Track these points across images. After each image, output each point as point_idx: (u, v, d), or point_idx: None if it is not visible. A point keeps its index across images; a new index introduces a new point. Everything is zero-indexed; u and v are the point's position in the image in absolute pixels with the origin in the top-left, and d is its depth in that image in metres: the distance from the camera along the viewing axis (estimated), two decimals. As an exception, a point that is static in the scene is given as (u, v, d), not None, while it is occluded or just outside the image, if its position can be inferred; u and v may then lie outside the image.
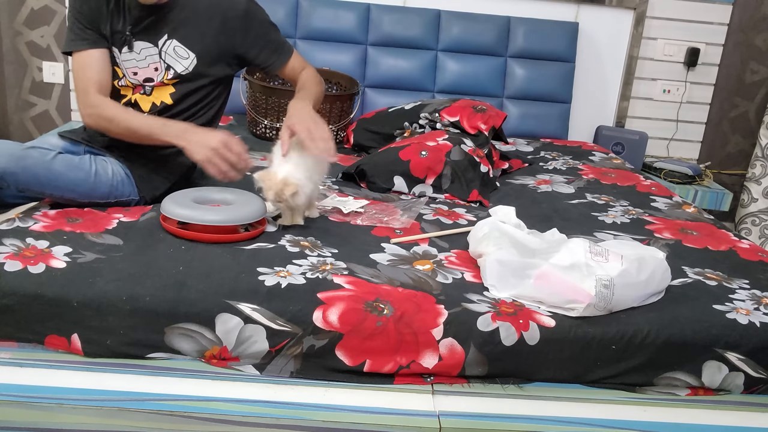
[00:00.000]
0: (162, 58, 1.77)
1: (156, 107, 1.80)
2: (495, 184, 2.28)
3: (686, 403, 1.43)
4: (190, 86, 1.81)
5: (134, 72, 1.77)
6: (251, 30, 1.84)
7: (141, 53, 1.75)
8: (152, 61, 1.76)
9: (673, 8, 3.14)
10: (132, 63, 1.76)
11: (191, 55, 1.78)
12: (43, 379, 1.28)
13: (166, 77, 1.78)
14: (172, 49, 1.76)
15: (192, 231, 1.55)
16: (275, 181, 1.61)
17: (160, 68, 1.77)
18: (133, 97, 1.79)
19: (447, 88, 2.98)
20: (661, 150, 3.34)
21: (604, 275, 1.41)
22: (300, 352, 1.34)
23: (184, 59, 1.78)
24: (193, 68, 1.79)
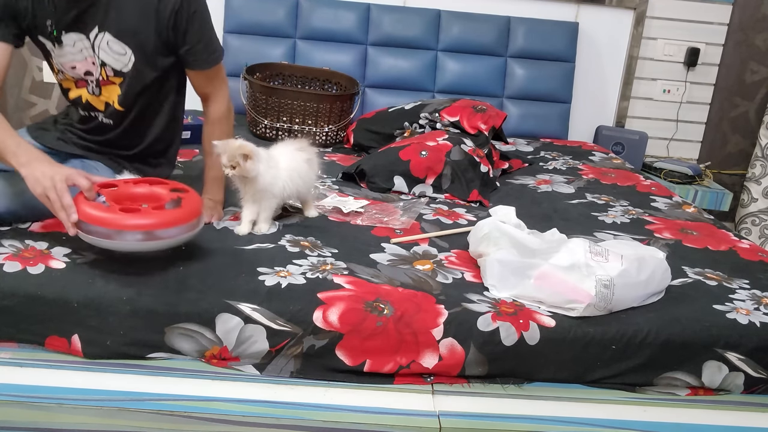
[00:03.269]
0: (95, 53, 1.63)
1: (109, 107, 1.70)
2: (495, 184, 2.28)
3: (686, 403, 1.43)
4: (136, 87, 1.68)
5: (72, 66, 1.65)
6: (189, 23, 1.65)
7: (75, 45, 1.62)
8: (87, 54, 1.64)
9: (673, 8, 3.13)
10: (69, 57, 1.64)
11: (127, 50, 1.63)
12: (43, 379, 1.28)
13: (106, 73, 1.65)
14: (105, 44, 1.62)
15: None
16: (231, 145, 1.58)
17: (96, 63, 1.64)
18: (84, 97, 1.69)
19: (447, 88, 2.98)
20: (661, 150, 3.34)
21: (604, 275, 1.41)
22: (300, 352, 1.34)
23: (120, 55, 1.63)
24: (133, 65, 1.65)
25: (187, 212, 1.42)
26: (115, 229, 1.34)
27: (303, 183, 1.73)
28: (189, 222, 1.42)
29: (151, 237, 1.36)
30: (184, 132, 2.40)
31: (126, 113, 1.71)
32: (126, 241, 1.35)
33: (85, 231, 1.36)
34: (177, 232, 1.39)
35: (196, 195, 1.48)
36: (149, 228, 1.36)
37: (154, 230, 1.36)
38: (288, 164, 1.68)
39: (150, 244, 1.37)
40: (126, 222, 1.34)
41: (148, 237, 1.36)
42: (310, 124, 2.55)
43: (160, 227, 1.37)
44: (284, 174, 1.66)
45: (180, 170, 2.10)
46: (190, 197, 1.46)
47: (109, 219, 1.34)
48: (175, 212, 1.41)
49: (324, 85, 2.81)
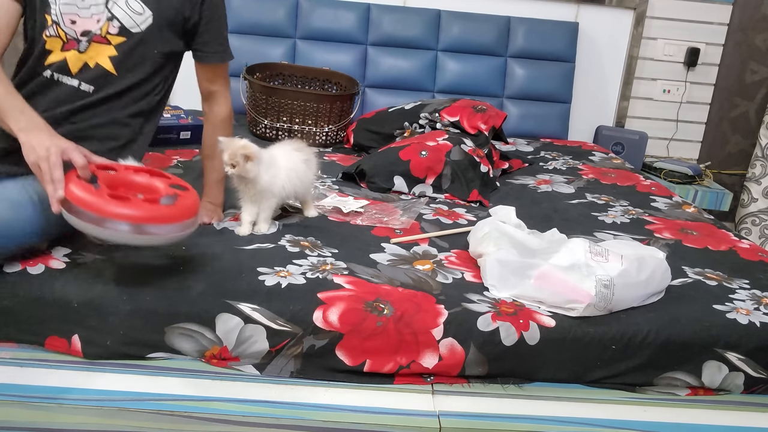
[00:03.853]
0: (108, 7, 1.50)
1: (89, 71, 1.51)
2: (495, 184, 2.28)
3: (686, 403, 1.43)
4: (138, 53, 1.55)
5: (72, 20, 1.48)
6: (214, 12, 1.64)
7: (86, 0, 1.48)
8: (96, 12, 1.49)
9: (673, 8, 3.13)
10: (72, 8, 1.48)
11: (146, 11, 1.52)
12: (43, 379, 1.28)
13: (108, 29, 1.50)
14: (123, 0, 1.51)
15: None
16: (234, 145, 1.56)
17: (102, 19, 1.50)
18: (62, 56, 1.50)
19: (447, 88, 2.98)
20: (661, 150, 3.34)
21: (604, 275, 1.41)
22: (300, 352, 1.34)
23: (136, 14, 1.51)
24: (147, 28, 1.53)
25: (181, 211, 1.34)
26: (99, 215, 1.25)
27: (301, 183, 1.73)
28: (181, 221, 1.33)
29: (139, 231, 1.27)
30: (183, 132, 2.41)
31: (115, 79, 1.54)
32: (110, 230, 1.25)
33: (70, 211, 1.27)
34: (167, 230, 1.31)
35: (194, 194, 1.41)
36: (136, 221, 1.26)
37: (141, 224, 1.27)
38: (286, 164, 1.68)
39: (136, 238, 1.28)
40: (112, 210, 1.25)
41: (135, 230, 1.26)
42: (310, 124, 2.55)
43: (149, 222, 1.28)
44: (283, 174, 1.66)
45: (180, 170, 2.10)
46: (187, 195, 1.38)
47: (94, 203, 1.25)
48: (168, 209, 1.32)
49: (324, 85, 2.81)
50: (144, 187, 1.38)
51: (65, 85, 1.52)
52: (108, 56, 1.52)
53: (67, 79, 1.52)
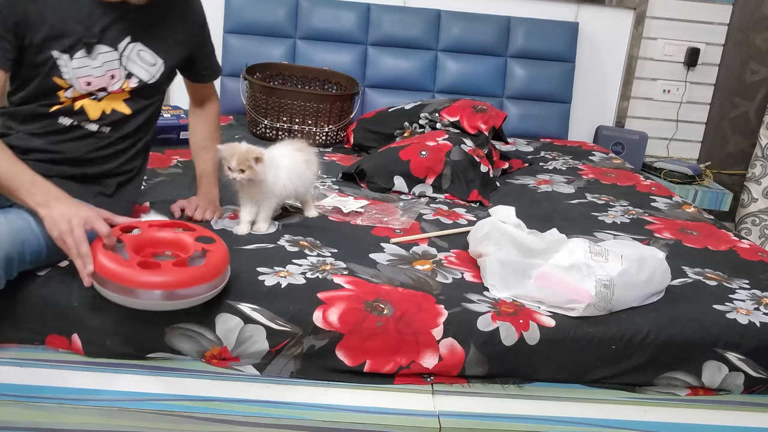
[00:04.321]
0: (123, 64, 1.51)
1: (106, 116, 1.53)
2: (495, 184, 2.28)
3: (686, 403, 1.43)
4: (148, 95, 1.60)
5: (87, 82, 1.48)
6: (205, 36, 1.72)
7: (97, 59, 1.47)
8: (110, 68, 1.50)
9: (673, 8, 3.13)
10: (86, 71, 1.47)
11: (159, 61, 1.57)
12: (43, 379, 1.28)
13: (127, 85, 1.53)
14: (135, 54, 1.53)
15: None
16: (239, 149, 1.57)
17: (118, 76, 1.51)
18: (78, 104, 1.50)
19: (447, 88, 2.98)
20: (661, 150, 3.34)
21: (604, 275, 1.41)
22: (300, 352, 1.34)
23: (150, 66, 1.55)
24: (160, 76, 1.58)
25: (212, 269, 1.29)
26: (131, 286, 1.23)
27: (301, 183, 1.73)
28: (213, 279, 1.29)
29: (171, 296, 1.25)
30: (183, 132, 2.41)
31: (130, 117, 1.58)
32: (143, 299, 1.24)
33: (101, 284, 1.26)
34: (200, 290, 1.27)
35: (223, 247, 1.36)
36: (169, 288, 1.24)
37: (174, 290, 1.25)
38: (287, 164, 1.68)
39: (169, 304, 1.26)
40: (143, 279, 1.23)
41: (167, 296, 1.25)
42: (310, 124, 2.54)
43: (182, 287, 1.25)
44: (284, 174, 1.66)
45: (179, 170, 2.10)
46: (216, 249, 1.34)
47: (125, 275, 1.23)
48: (199, 270, 1.28)
49: (324, 85, 2.81)
50: (171, 244, 1.37)
51: (86, 130, 1.52)
52: (122, 100, 1.56)
53: (87, 125, 1.52)
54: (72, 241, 1.26)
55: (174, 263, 1.28)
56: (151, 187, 1.90)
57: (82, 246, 1.26)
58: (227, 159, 1.57)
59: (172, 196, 1.82)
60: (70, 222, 1.27)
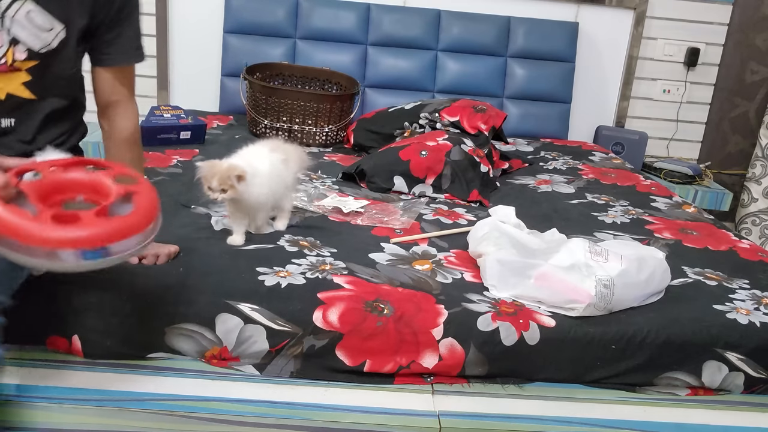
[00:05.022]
0: (5, 26, 1.21)
1: (2, 104, 1.25)
2: (495, 184, 2.28)
3: (686, 403, 1.43)
4: (56, 71, 1.28)
5: None
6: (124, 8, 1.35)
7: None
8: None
9: (673, 8, 3.13)
10: None
11: (57, 25, 1.24)
12: (44, 379, 1.28)
13: (13, 57, 1.22)
14: (24, 15, 1.21)
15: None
16: (219, 168, 1.45)
17: (2, 45, 1.21)
18: None
19: (447, 88, 2.98)
20: (661, 150, 3.34)
21: (604, 275, 1.41)
22: (300, 352, 1.34)
23: (44, 31, 1.23)
24: (59, 44, 1.26)
25: (145, 214, 1.06)
26: (46, 247, 0.97)
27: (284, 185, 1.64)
28: (145, 228, 1.06)
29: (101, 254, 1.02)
30: (183, 132, 2.41)
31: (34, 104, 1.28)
32: (62, 261, 0.99)
33: (3, 245, 0.98)
34: (131, 244, 1.03)
35: (148, 185, 1.13)
36: (93, 243, 0.99)
37: (101, 246, 1.00)
38: (268, 170, 1.58)
39: (94, 263, 1.02)
40: (63, 236, 0.98)
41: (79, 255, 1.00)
42: (310, 124, 2.55)
43: (110, 241, 1.01)
44: (266, 181, 1.57)
45: (179, 170, 2.10)
46: (142, 190, 1.09)
47: (36, 232, 0.97)
48: (130, 218, 1.04)
49: (324, 85, 2.81)
50: (84, 187, 1.09)
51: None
52: (21, 83, 1.26)
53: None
54: None
55: (96, 212, 1.02)
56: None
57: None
58: (207, 178, 1.46)
59: (174, 198, 1.82)
60: None
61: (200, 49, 2.94)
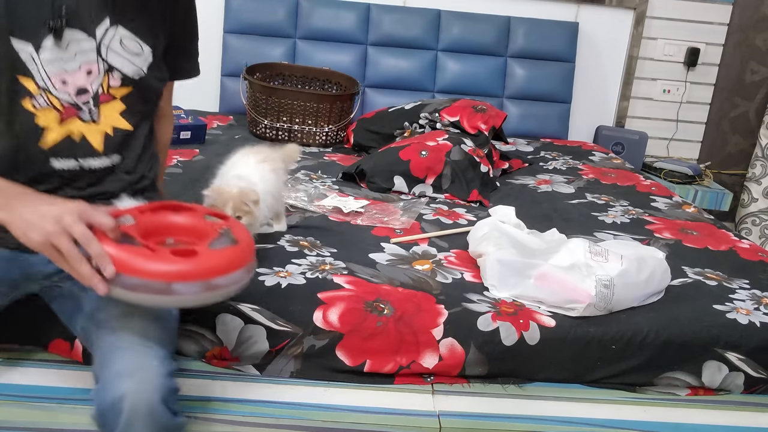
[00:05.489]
0: (101, 56, 1.17)
1: (111, 140, 1.21)
2: (495, 184, 2.28)
3: (686, 403, 1.43)
4: (144, 97, 1.26)
5: (63, 80, 1.14)
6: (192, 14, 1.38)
7: (68, 48, 1.13)
8: (84, 61, 1.16)
9: (673, 8, 3.13)
10: (58, 65, 1.13)
11: (145, 49, 1.22)
12: (43, 379, 1.28)
13: (108, 84, 1.19)
14: (117, 42, 1.18)
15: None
16: (231, 194, 1.38)
17: (96, 71, 1.17)
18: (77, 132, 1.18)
19: (447, 88, 2.98)
20: (661, 150, 3.34)
21: (604, 275, 1.41)
22: (300, 353, 1.34)
23: (135, 56, 1.21)
24: (147, 69, 1.24)
25: (247, 247, 1.08)
26: (166, 280, 0.98)
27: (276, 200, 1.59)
28: (249, 262, 1.08)
29: (210, 287, 1.01)
30: (183, 132, 2.41)
31: (133, 134, 1.26)
32: (177, 295, 0.99)
33: (123, 285, 0.98)
34: (238, 277, 1.05)
35: (236, 221, 1.16)
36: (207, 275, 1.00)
37: (213, 278, 1.00)
38: (263, 186, 1.50)
39: (205, 297, 1.02)
40: (181, 270, 0.98)
41: (206, 287, 1.01)
42: (310, 124, 2.55)
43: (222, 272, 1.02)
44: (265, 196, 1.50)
45: (179, 170, 2.09)
46: (235, 225, 1.12)
47: (159, 268, 0.98)
48: (236, 250, 1.06)
49: (324, 85, 2.81)
50: (177, 228, 1.10)
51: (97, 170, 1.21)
52: (119, 112, 1.23)
53: (96, 161, 1.21)
54: (68, 242, 0.95)
55: (198, 248, 1.03)
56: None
57: (93, 244, 0.96)
58: (218, 207, 1.35)
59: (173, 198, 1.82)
60: (59, 219, 0.95)
61: (200, 49, 2.93)
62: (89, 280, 0.96)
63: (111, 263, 0.96)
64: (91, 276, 0.96)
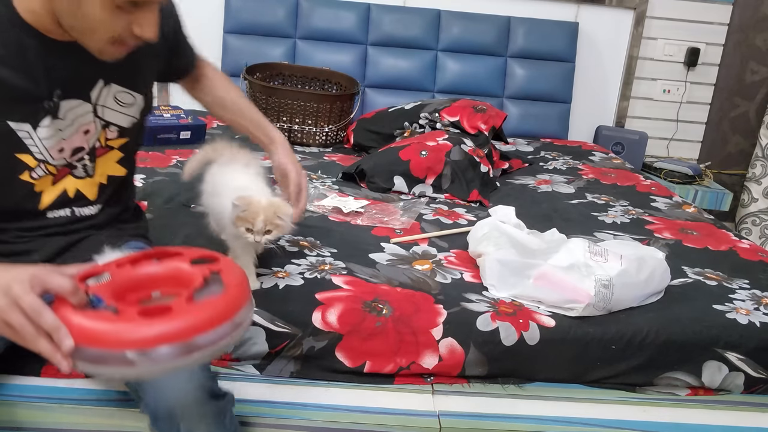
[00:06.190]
0: (98, 115, 1.17)
1: (107, 188, 1.24)
2: (495, 184, 2.28)
3: (686, 403, 1.43)
4: (138, 140, 1.28)
5: (60, 148, 1.14)
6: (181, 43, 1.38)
7: (66, 117, 1.13)
8: (82, 123, 1.16)
9: (673, 8, 3.13)
10: (56, 138, 1.12)
11: (137, 97, 1.23)
12: (44, 379, 1.28)
13: (105, 138, 1.20)
14: (111, 99, 1.18)
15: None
16: (259, 206, 1.25)
17: (93, 129, 1.18)
18: (67, 186, 1.18)
19: (447, 88, 2.98)
20: (661, 150, 3.34)
21: (604, 275, 1.41)
22: (300, 354, 1.34)
23: (128, 107, 1.21)
24: (140, 114, 1.25)
25: (235, 293, 0.90)
26: (139, 348, 0.81)
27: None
28: (241, 308, 0.89)
29: (189, 349, 0.83)
30: (183, 132, 2.41)
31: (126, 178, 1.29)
32: (154, 362, 0.82)
33: (87, 359, 0.83)
34: (225, 330, 0.87)
35: (229, 261, 0.98)
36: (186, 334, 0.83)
37: (194, 336, 0.83)
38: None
39: (186, 360, 0.84)
40: (160, 331, 0.82)
41: (184, 350, 0.83)
42: (310, 124, 2.55)
43: (207, 327, 0.85)
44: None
45: (179, 169, 2.09)
46: (227, 267, 0.95)
47: (127, 333, 0.82)
48: (220, 300, 0.88)
49: (324, 85, 2.81)
50: (161, 279, 0.96)
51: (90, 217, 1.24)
52: (115, 161, 1.24)
53: (88, 209, 1.23)
54: (21, 316, 0.82)
55: (185, 299, 0.87)
56: (149, 186, 1.90)
57: (43, 316, 0.82)
58: (246, 219, 1.24)
59: (173, 197, 1.82)
60: (9, 291, 0.82)
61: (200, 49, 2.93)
62: (51, 358, 0.83)
63: (68, 335, 0.82)
64: (52, 353, 0.82)
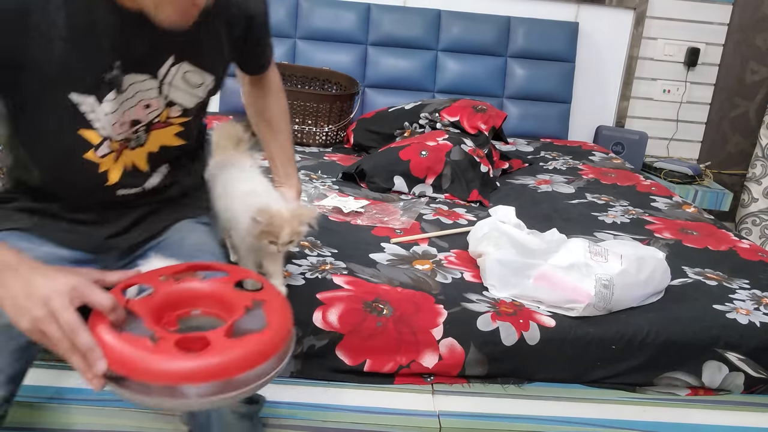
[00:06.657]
0: (163, 93, 1.12)
1: (156, 155, 1.18)
2: (495, 184, 2.28)
3: (686, 403, 1.43)
4: (199, 113, 1.24)
5: (122, 122, 1.09)
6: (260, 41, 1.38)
7: (128, 90, 1.07)
8: (143, 98, 1.10)
9: (673, 8, 3.13)
10: (119, 112, 1.08)
11: (207, 78, 1.18)
12: (43, 379, 1.28)
13: (167, 116, 1.16)
14: (180, 78, 1.13)
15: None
16: (285, 217, 1.20)
17: (156, 105, 1.12)
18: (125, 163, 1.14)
19: (447, 88, 2.98)
20: (661, 150, 3.34)
21: (604, 275, 1.41)
22: (300, 353, 1.34)
23: (195, 87, 1.16)
24: (207, 93, 1.21)
25: (278, 331, 0.85)
26: (169, 383, 0.78)
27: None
28: (282, 347, 0.85)
29: (227, 387, 0.79)
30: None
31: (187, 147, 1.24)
32: (186, 397, 0.78)
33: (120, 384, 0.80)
34: (266, 369, 0.83)
35: (274, 290, 0.93)
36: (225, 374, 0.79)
37: (233, 377, 0.79)
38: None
39: (223, 398, 0.80)
40: (186, 369, 0.78)
41: (222, 388, 0.79)
42: (310, 124, 2.55)
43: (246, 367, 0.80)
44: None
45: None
46: (270, 296, 0.91)
47: (160, 368, 0.78)
48: (262, 338, 0.83)
49: (324, 85, 2.81)
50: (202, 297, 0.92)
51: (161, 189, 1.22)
52: (174, 134, 1.19)
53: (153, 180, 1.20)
54: (58, 330, 0.80)
55: (224, 331, 0.82)
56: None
57: (79, 336, 0.80)
58: (272, 232, 1.19)
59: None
60: (48, 303, 0.81)
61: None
62: (82, 375, 0.81)
63: (101, 358, 0.80)
64: (84, 370, 0.81)
